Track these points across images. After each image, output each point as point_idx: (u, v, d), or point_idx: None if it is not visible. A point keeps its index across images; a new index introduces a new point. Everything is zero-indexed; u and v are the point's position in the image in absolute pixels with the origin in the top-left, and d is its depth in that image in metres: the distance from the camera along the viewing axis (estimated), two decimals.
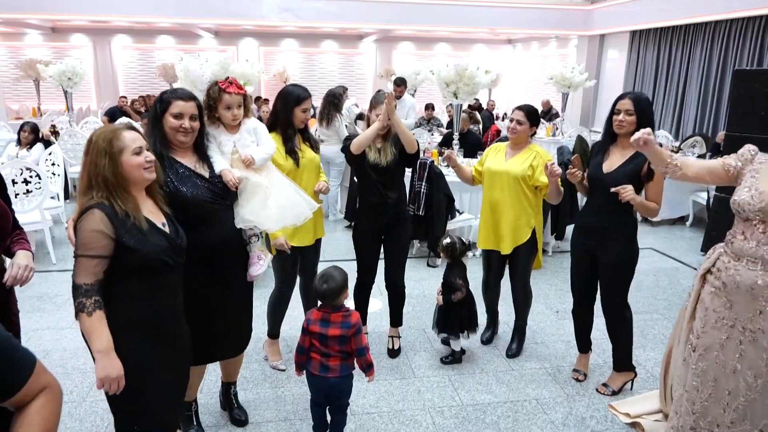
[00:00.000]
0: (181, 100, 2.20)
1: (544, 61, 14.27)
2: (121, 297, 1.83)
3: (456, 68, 5.38)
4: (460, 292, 3.19)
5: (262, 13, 10.84)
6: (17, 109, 13.02)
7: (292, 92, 2.96)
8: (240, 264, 2.46)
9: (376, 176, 3.21)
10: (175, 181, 2.21)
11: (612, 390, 3.09)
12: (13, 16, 10.81)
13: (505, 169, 3.22)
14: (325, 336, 2.37)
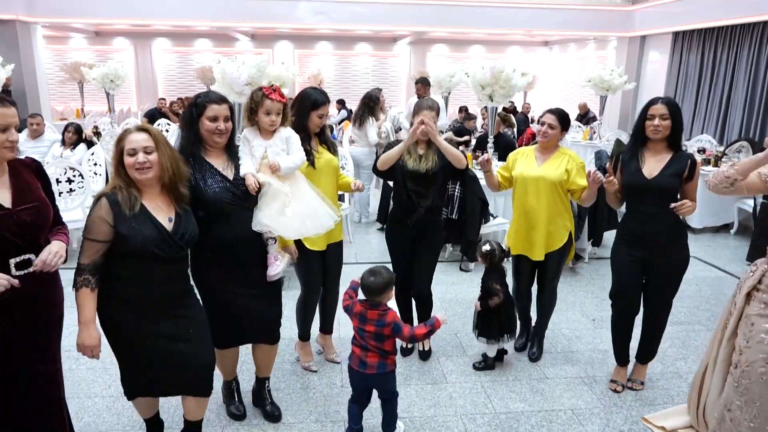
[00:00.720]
0: (215, 104, 2.35)
1: (581, 64, 14.00)
2: (115, 276, 2.08)
3: (492, 71, 5.31)
4: (497, 297, 3.14)
5: (298, 16, 10.96)
6: (62, 110, 13.50)
7: (309, 96, 2.92)
8: (260, 261, 2.57)
9: (411, 184, 3.19)
10: (200, 180, 2.36)
11: (641, 382, 3.13)
12: (59, 20, 11.20)
13: (541, 174, 3.15)
14: (363, 330, 2.51)
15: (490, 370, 3.30)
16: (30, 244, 1.92)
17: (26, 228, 1.89)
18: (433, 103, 3.20)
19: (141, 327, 2.13)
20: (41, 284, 1.98)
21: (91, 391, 3.04)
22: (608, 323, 3.91)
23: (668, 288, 2.94)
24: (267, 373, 2.87)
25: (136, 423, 2.78)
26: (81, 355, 3.25)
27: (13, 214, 1.87)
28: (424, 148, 3.19)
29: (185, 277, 2.28)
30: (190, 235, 2.17)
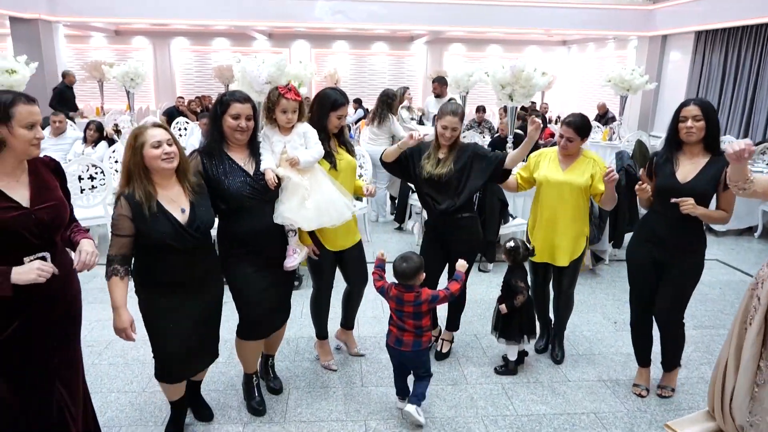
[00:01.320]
0: (238, 103, 2.47)
1: (600, 63, 13.86)
2: (141, 265, 2.30)
3: (512, 70, 5.26)
4: (522, 295, 3.11)
5: (316, 15, 10.98)
6: (82, 108, 13.66)
7: (329, 96, 2.91)
8: (279, 253, 2.68)
9: (427, 188, 3.17)
10: (221, 174, 2.48)
11: (671, 389, 3.07)
12: (80, 19, 11.35)
13: (567, 180, 3.10)
14: (401, 311, 2.69)
15: (512, 375, 3.26)
16: (46, 242, 1.93)
17: (44, 227, 1.90)
18: (456, 108, 3.14)
19: (170, 311, 2.33)
20: (58, 282, 1.98)
21: (113, 386, 3.07)
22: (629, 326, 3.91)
23: (686, 292, 2.86)
24: (274, 351, 3.08)
25: (159, 418, 2.80)
26: (104, 350, 3.31)
27: (32, 213, 1.87)
28: (445, 152, 3.15)
29: (206, 260, 2.43)
30: (204, 224, 2.32)
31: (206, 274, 2.42)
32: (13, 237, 1.83)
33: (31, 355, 1.98)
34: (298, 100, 2.63)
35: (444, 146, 3.15)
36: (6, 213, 1.81)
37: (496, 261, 5.04)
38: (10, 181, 1.87)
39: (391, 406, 2.94)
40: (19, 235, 1.84)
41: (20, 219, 1.83)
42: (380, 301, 4.22)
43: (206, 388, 3.04)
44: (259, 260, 2.61)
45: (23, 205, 1.86)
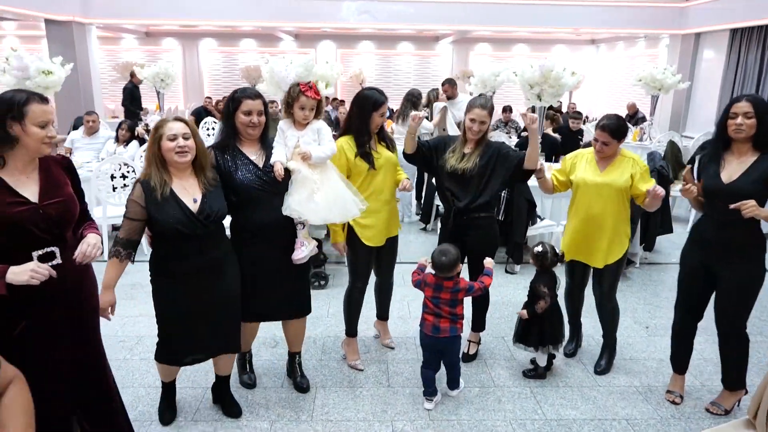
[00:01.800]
0: (249, 99, 2.56)
1: (630, 62, 13.59)
2: (156, 254, 2.43)
3: (541, 69, 5.21)
4: (544, 301, 3.05)
5: (342, 15, 11.01)
6: (113, 108, 13.97)
7: (369, 97, 2.96)
8: (288, 244, 2.74)
9: (449, 182, 3.14)
10: (232, 168, 2.58)
11: (724, 409, 2.89)
12: (112, 21, 11.59)
13: (606, 181, 3.00)
14: (438, 298, 2.79)
15: (541, 379, 3.21)
16: (56, 238, 1.96)
17: (52, 222, 1.93)
18: (486, 101, 3.10)
19: (181, 295, 2.44)
20: (72, 276, 2.01)
21: (144, 381, 3.12)
22: (662, 331, 3.83)
23: (735, 307, 2.72)
24: (298, 348, 3.10)
25: (188, 414, 2.83)
26: (135, 345, 3.36)
27: (39, 209, 1.90)
28: (471, 147, 3.12)
29: (217, 249, 2.50)
30: (215, 214, 2.41)
31: (219, 264, 2.50)
32: (21, 231, 1.86)
33: (44, 352, 1.99)
34: (317, 99, 2.71)
35: (471, 141, 3.11)
36: (13, 208, 1.85)
37: (524, 263, 4.98)
38: (21, 177, 1.91)
39: (418, 407, 2.93)
40: (27, 230, 1.87)
41: (27, 214, 1.87)
42: (407, 302, 4.21)
43: (235, 385, 3.07)
44: (267, 251, 2.68)
45: (31, 200, 1.90)
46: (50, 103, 1.94)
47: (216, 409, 2.87)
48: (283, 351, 3.46)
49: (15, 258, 1.85)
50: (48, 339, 1.99)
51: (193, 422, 2.76)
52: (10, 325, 1.91)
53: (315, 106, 2.72)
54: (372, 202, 3.04)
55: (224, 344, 2.64)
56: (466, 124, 3.09)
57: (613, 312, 3.26)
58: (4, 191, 1.86)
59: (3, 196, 1.85)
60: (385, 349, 3.52)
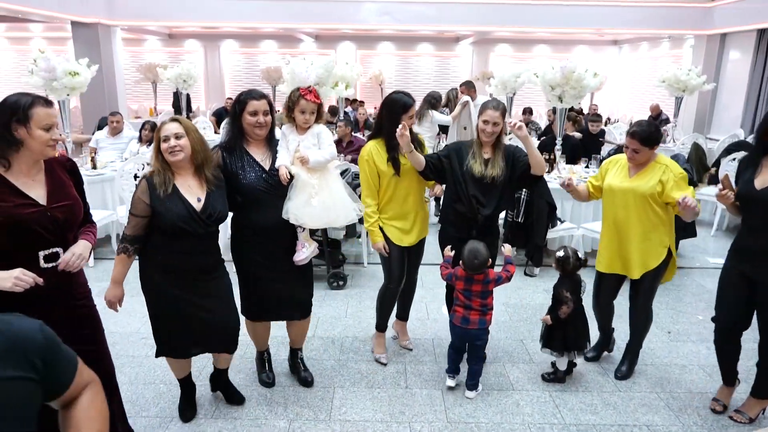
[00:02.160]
0: (255, 100, 2.61)
1: (653, 63, 13.40)
2: (156, 247, 2.43)
3: (562, 71, 5.16)
4: (566, 306, 3.01)
5: (362, 17, 11.05)
6: (136, 108, 14.21)
7: (398, 100, 2.97)
8: (291, 246, 2.79)
9: (473, 189, 3.04)
10: (239, 168, 2.62)
11: (748, 417, 2.82)
12: (137, 23, 11.79)
13: (631, 186, 2.93)
14: (469, 290, 2.89)
15: (560, 383, 3.18)
16: (59, 239, 2.00)
17: (58, 224, 1.97)
18: (498, 103, 3.06)
19: (176, 293, 2.46)
20: (62, 281, 2.02)
21: (165, 378, 3.16)
22: (684, 336, 3.77)
23: None
24: (300, 345, 3.18)
25: (209, 411, 2.87)
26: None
27: (47, 211, 1.94)
28: (489, 151, 3.07)
29: (215, 251, 2.56)
30: (218, 213, 2.44)
31: (215, 265, 2.55)
32: (29, 233, 1.90)
33: None
34: (317, 103, 2.74)
35: (486, 144, 3.04)
36: (24, 209, 1.89)
37: (543, 266, 4.94)
38: (27, 180, 1.94)
39: (437, 409, 2.92)
40: (34, 231, 1.91)
41: (37, 216, 1.91)
42: (425, 303, 4.21)
43: (254, 383, 3.10)
44: (269, 251, 2.74)
45: (40, 203, 1.93)
46: (54, 106, 1.97)
47: (235, 406, 2.90)
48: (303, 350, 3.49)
49: (19, 257, 1.89)
50: None
51: (212, 419, 2.80)
52: None
53: (315, 110, 2.75)
54: (399, 206, 3.07)
55: (221, 344, 2.67)
56: (480, 127, 3.05)
57: (647, 319, 3.19)
58: (12, 193, 1.89)
59: (11, 197, 1.89)
60: (403, 351, 3.52)
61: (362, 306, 4.17)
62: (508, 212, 4.89)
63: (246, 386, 3.08)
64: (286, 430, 2.74)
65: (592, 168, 5.78)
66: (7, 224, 1.86)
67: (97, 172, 5.55)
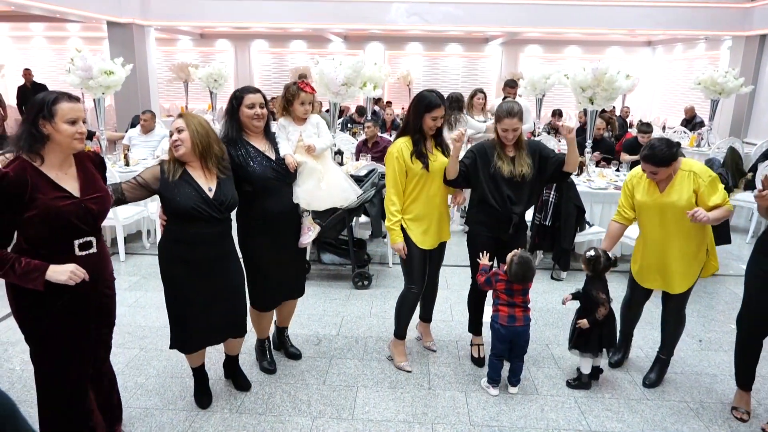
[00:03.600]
0: (251, 93, 2.77)
1: (688, 65, 13.09)
2: (173, 238, 2.54)
3: (594, 72, 5.08)
4: (604, 307, 2.98)
5: (391, 17, 11.05)
6: (168, 107, 14.49)
7: (424, 98, 2.98)
8: (297, 231, 2.99)
9: (507, 189, 3.06)
10: (246, 159, 2.75)
11: (746, 411, 2.79)
12: (170, 23, 12.02)
13: (665, 203, 2.84)
14: (511, 289, 2.95)
15: (585, 389, 3.12)
16: (93, 229, 2.13)
17: (92, 215, 2.09)
18: (511, 107, 3.02)
19: (191, 283, 2.57)
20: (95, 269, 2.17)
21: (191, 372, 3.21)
22: (716, 345, 3.67)
23: None
24: (287, 323, 3.38)
25: (234, 406, 2.90)
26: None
27: (82, 203, 2.06)
28: (513, 150, 3.08)
29: (226, 241, 2.66)
30: (229, 201, 2.57)
31: (226, 254, 2.66)
32: (64, 223, 2.01)
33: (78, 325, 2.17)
34: (313, 93, 2.99)
35: (508, 146, 3.10)
36: (60, 201, 1.99)
37: (570, 269, 4.87)
38: (60, 174, 2.05)
39: (459, 411, 2.91)
40: (70, 222, 2.02)
41: (72, 207, 2.02)
42: (449, 304, 4.19)
43: (279, 381, 3.14)
44: (278, 236, 2.89)
45: (75, 195, 2.05)
46: (80, 102, 2.06)
47: (260, 402, 2.94)
48: (327, 349, 3.52)
49: (54, 246, 2.03)
50: (81, 314, 2.16)
51: (237, 414, 2.84)
52: (54, 300, 2.07)
53: (312, 101, 2.99)
54: (424, 206, 3.05)
55: (232, 330, 2.81)
56: (500, 134, 3.04)
57: (679, 326, 3.13)
58: (49, 186, 2.00)
59: (49, 190, 1.99)
60: (426, 352, 3.52)
61: (387, 306, 4.17)
62: (536, 215, 4.84)
63: (270, 383, 3.12)
64: (309, 427, 2.76)
65: (622, 171, 5.67)
66: (45, 215, 1.96)
67: (130, 168, 5.68)
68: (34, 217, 1.95)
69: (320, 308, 4.11)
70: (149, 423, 2.75)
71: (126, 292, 4.38)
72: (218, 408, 2.89)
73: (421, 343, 3.58)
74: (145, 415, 2.81)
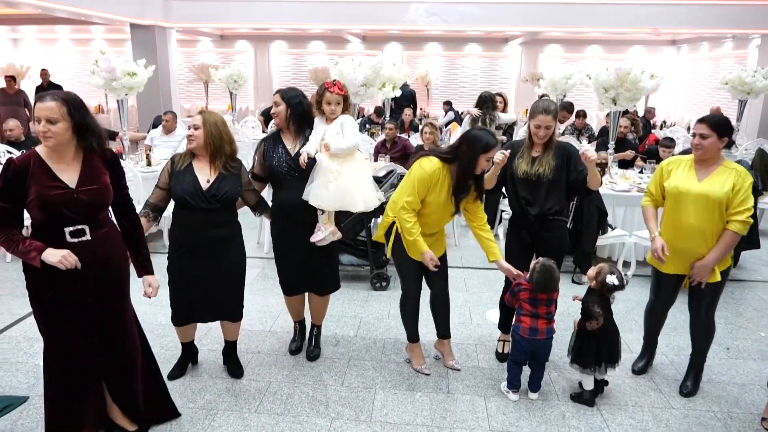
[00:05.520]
0: (274, 95, 3.06)
1: (714, 64, 12.83)
2: (172, 227, 2.85)
3: (617, 72, 4.99)
4: (596, 321, 2.84)
5: (410, 17, 11.02)
6: (188, 108, 14.65)
7: (480, 138, 2.81)
8: (310, 225, 3.04)
9: (522, 189, 3.05)
10: (269, 152, 3.01)
11: None
12: (191, 25, 12.16)
13: (703, 191, 2.77)
14: (535, 299, 2.86)
15: (588, 405, 2.97)
16: (86, 218, 2.22)
17: (83, 206, 2.18)
18: (548, 105, 2.98)
19: (186, 264, 2.81)
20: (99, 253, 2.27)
21: (212, 370, 3.22)
22: (745, 354, 3.57)
23: None
24: (318, 321, 3.44)
25: (252, 406, 2.90)
26: (204, 335, 3.47)
27: (74, 194, 2.16)
28: (540, 150, 3.05)
29: (222, 227, 2.82)
30: (222, 194, 2.74)
31: (221, 241, 2.83)
32: (56, 211, 2.14)
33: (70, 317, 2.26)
34: (341, 94, 2.99)
35: (538, 144, 3.06)
36: (52, 191, 2.13)
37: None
38: (61, 165, 2.18)
39: (479, 416, 2.87)
40: (61, 210, 2.15)
41: (63, 197, 2.14)
42: (468, 307, 4.15)
43: (297, 381, 3.13)
44: (289, 227, 3.06)
45: (70, 186, 2.16)
46: (46, 100, 2.10)
47: (279, 403, 2.93)
48: (345, 350, 3.52)
49: (48, 231, 2.17)
50: (72, 307, 2.26)
51: (255, 413, 2.84)
52: (40, 294, 2.23)
53: (340, 101, 2.99)
54: (428, 228, 3.01)
55: (220, 311, 2.98)
56: (532, 131, 3.02)
57: (709, 331, 3.05)
58: (47, 176, 2.14)
59: (45, 179, 2.13)
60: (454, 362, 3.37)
61: None
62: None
63: (289, 384, 3.12)
64: (327, 428, 2.75)
65: (646, 174, 5.56)
66: (38, 202, 2.12)
67: (152, 168, 5.74)
68: (31, 203, 2.13)
69: (338, 309, 4.10)
70: (169, 420, 2.76)
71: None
72: (237, 407, 2.89)
73: (442, 363, 3.35)
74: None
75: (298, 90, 3.06)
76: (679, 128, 10.47)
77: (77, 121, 2.13)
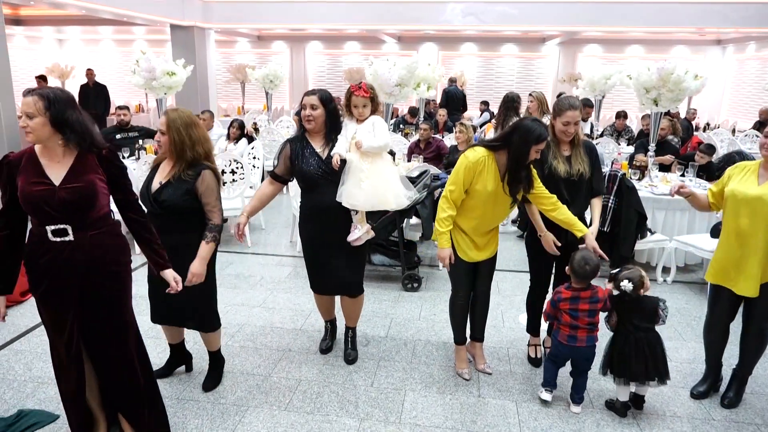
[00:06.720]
0: (306, 96, 2.99)
1: (762, 65, 12.35)
2: None
3: (659, 72, 4.84)
4: (612, 318, 2.86)
5: (446, 18, 10.97)
6: (225, 107, 14.92)
7: (534, 129, 2.73)
8: (344, 226, 3.04)
9: (565, 190, 2.99)
10: (299, 157, 2.98)
11: None
12: (230, 26, 12.39)
13: (759, 194, 2.66)
14: (576, 310, 2.78)
15: (620, 416, 2.87)
16: (69, 218, 2.13)
17: (65, 204, 2.10)
18: (574, 101, 3.00)
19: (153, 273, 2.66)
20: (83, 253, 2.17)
21: (243, 368, 3.27)
22: None
23: None
24: (351, 323, 3.43)
25: (282, 403, 2.93)
26: (236, 332, 3.53)
27: (55, 191, 2.09)
28: (568, 148, 3.03)
29: (170, 234, 2.61)
30: (163, 201, 2.63)
31: (173, 249, 2.53)
32: (36, 207, 2.10)
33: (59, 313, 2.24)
34: (366, 96, 3.01)
35: (564, 142, 3.03)
36: (34, 187, 2.09)
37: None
38: (53, 162, 2.13)
39: (510, 420, 2.82)
40: (41, 207, 2.09)
41: (44, 194, 2.08)
42: (500, 311, 4.10)
43: (327, 380, 3.14)
44: (324, 229, 3.04)
45: (54, 183, 2.10)
46: (27, 96, 2.08)
47: (308, 401, 2.95)
48: (376, 350, 3.51)
49: (34, 228, 2.17)
50: (61, 302, 2.23)
51: (286, 411, 2.86)
52: (33, 289, 2.25)
53: (367, 103, 3.01)
54: (480, 224, 2.97)
55: (184, 318, 2.90)
56: (559, 128, 3.01)
57: (761, 342, 2.91)
58: (34, 172, 2.11)
59: (31, 175, 2.10)
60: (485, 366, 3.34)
61: (436, 309, 4.12)
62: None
63: (319, 383, 3.14)
64: (357, 429, 2.74)
65: (687, 177, 5.39)
66: (22, 197, 2.11)
67: None
68: (19, 197, 2.12)
69: (369, 309, 4.10)
70: (201, 415, 2.81)
71: None
72: (267, 404, 2.92)
73: (473, 366, 3.31)
74: (197, 408, 2.88)
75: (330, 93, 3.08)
76: (723, 130, 10.10)
77: (53, 116, 2.04)
